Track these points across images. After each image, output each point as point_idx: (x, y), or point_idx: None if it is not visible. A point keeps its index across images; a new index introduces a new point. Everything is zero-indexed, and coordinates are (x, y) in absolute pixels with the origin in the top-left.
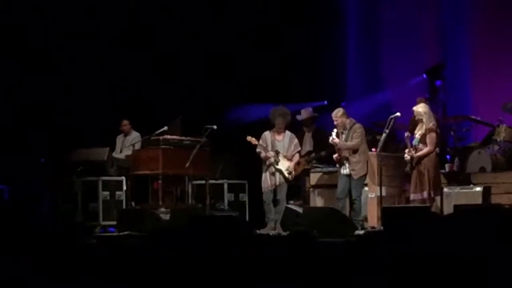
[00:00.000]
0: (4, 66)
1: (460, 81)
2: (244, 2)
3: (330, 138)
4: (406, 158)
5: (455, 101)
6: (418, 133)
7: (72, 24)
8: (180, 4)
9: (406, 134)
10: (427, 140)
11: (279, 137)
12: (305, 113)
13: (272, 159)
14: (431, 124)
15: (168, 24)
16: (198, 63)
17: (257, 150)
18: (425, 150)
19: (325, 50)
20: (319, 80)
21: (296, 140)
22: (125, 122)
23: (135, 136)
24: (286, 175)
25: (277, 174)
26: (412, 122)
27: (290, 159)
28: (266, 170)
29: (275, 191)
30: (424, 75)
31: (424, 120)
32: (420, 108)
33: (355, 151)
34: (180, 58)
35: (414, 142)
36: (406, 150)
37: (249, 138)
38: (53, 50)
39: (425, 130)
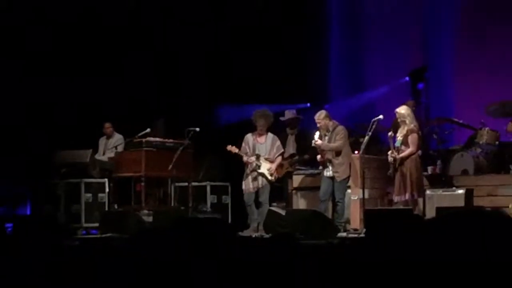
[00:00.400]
0: None
1: (442, 84)
2: (231, 2)
3: (313, 141)
4: (389, 160)
5: (438, 104)
6: (400, 135)
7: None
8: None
9: (390, 133)
10: (409, 141)
11: (260, 139)
12: (288, 114)
13: (253, 164)
14: (413, 125)
15: (158, 24)
16: (181, 65)
17: (240, 154)
18: (408, 151)
19: (308, 51)
20: (302, 82)
21: (278, 142)
22: (107, 124)
23: (117, 138)
24: (269, 177)
25: (259, 177)
26: (395, 124)
27: (272, 161)
28: (249, 174)
29: (257, 193)
30: (407, 78)
31: (407, 122)
32: (403, 110)
33: (338, 153)
34: (165, 59)
35: (397, 143)
36: (389, 152)
37: (229, 147)
38: (48, 51)
39: (407, 131)
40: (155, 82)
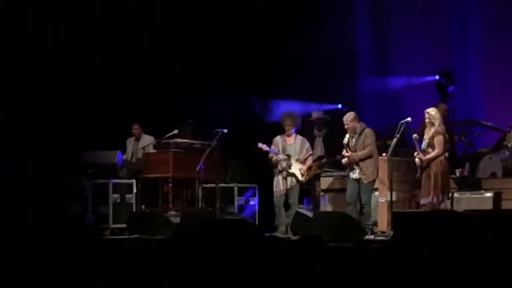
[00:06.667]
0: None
1: (471, 86)
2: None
3: (344, 152)
4: (416, 163)
5: (466, 107)
6: (426, 137)
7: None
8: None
9: (414, 135)
10: (435, 143)
11: (290, 141)
12: (315, 115)
13: (284, 164)
14: (439, 127)
15: (189, 25)
16: (208, 66)
17: (270, 155)
18: (434, 153)
19: (337, 48)
20: (333, 82)
21: (308, 144)
22: (136, 126)
23: (148, 140)
24: (300, 178)
25: (289, 177)
26: (423, 125)
27: (302, 163)
28: (278, 174)
29: (287, 195)
30: (437, 76)
31: (435, 123)
32: (433, 112)
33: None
34: (193, 59)
35: (423, 146)
36: (415, 153)
37: (260, 145)
38: (63, 51)
39: (433, 133)
40: (184, 84)
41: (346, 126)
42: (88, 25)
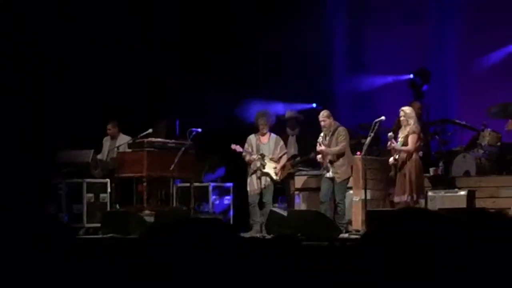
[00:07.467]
0: None
1: (445, 85)
2: None
3: (317, 145)
4: (390, 162)
5: (440, 105)
6: (401, 136)
7: (59, 25)
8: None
9: (390, 134)
10: (408, 141)
11: (264, 140)
12: (289, 114)
13: (258, 163)
14: (414, 126)
15: (157, 25)
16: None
17: (243, 154)
18: (405, 148)
19: (312, 47)
20: (308, 81)
21: (282, 143)
22: (109, 125)
23: (124, 139)
24: (274, 177)
25: (264, 177)
26: (398, 123)
27: (276, 162)
28: (252, 173)
29: (261, 193)
30: (411, 75)
31: (410, 122)
32: (409, 110)
33: (339, 154)
34: (167, 59)
35: (398, 145)
36: (388, 143)
37: (233, 146)
38: (38, 50)
39: (408, 131)
40: (162, 83)
41: (322, 123)
42: (75, 22)
